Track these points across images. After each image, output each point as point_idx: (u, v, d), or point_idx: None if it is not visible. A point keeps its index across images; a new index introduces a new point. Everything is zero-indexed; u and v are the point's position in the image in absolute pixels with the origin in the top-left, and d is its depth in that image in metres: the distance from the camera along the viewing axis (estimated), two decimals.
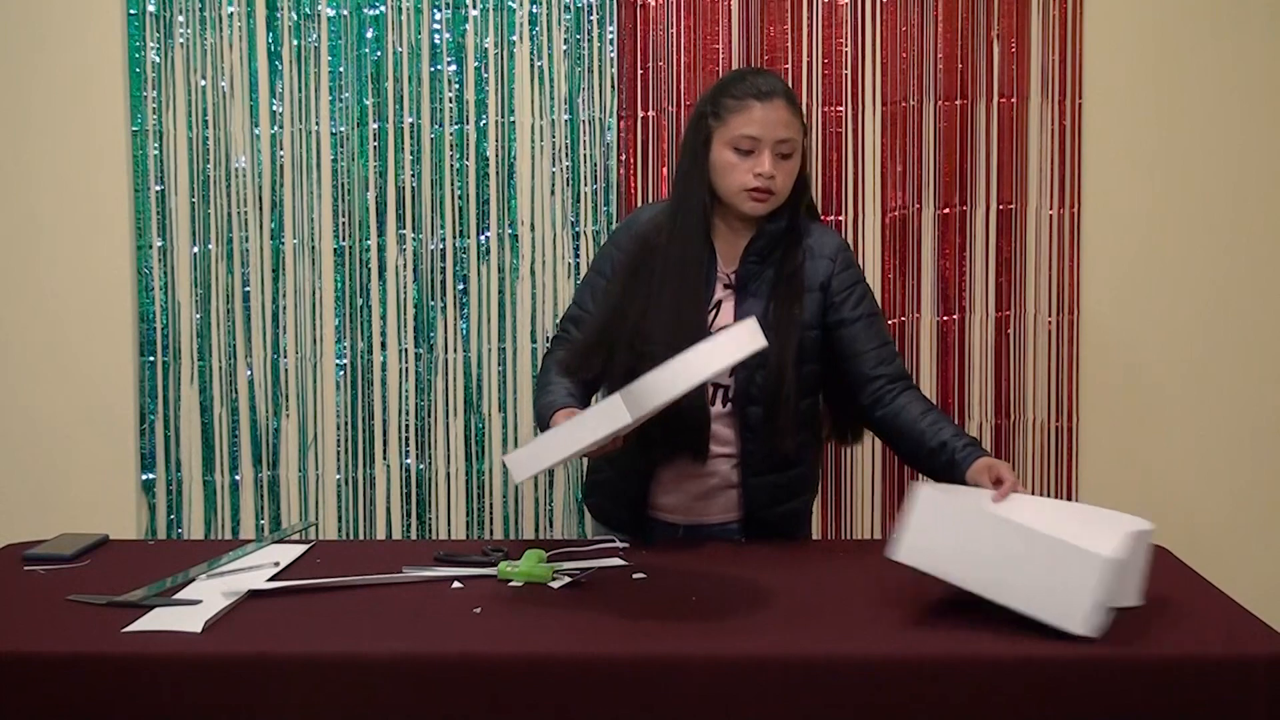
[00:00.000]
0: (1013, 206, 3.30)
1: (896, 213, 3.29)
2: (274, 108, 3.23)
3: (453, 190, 3.26)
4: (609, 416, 2.12)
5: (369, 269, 3.26)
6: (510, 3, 3.22)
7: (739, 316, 2.53)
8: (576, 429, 2.18)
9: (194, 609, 2.13)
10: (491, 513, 3.32)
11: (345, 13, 3.22)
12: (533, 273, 3.27)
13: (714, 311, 2.57)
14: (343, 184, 3.25)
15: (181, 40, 3.21)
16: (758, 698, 1.94)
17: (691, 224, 2.54)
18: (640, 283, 2.55)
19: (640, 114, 3.25)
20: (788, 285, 2.55)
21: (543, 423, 2.48)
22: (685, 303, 2.52)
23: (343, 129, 3.23)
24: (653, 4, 3.23)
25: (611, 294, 2.58)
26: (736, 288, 2.57)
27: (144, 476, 3.28)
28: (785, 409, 2.51)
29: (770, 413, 2.53)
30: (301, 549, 2.52)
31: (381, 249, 3.26)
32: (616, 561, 2.40)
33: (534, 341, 3.28)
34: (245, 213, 3.25)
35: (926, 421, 2.49)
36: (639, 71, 3.23)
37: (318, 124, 3.23)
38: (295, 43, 3.22)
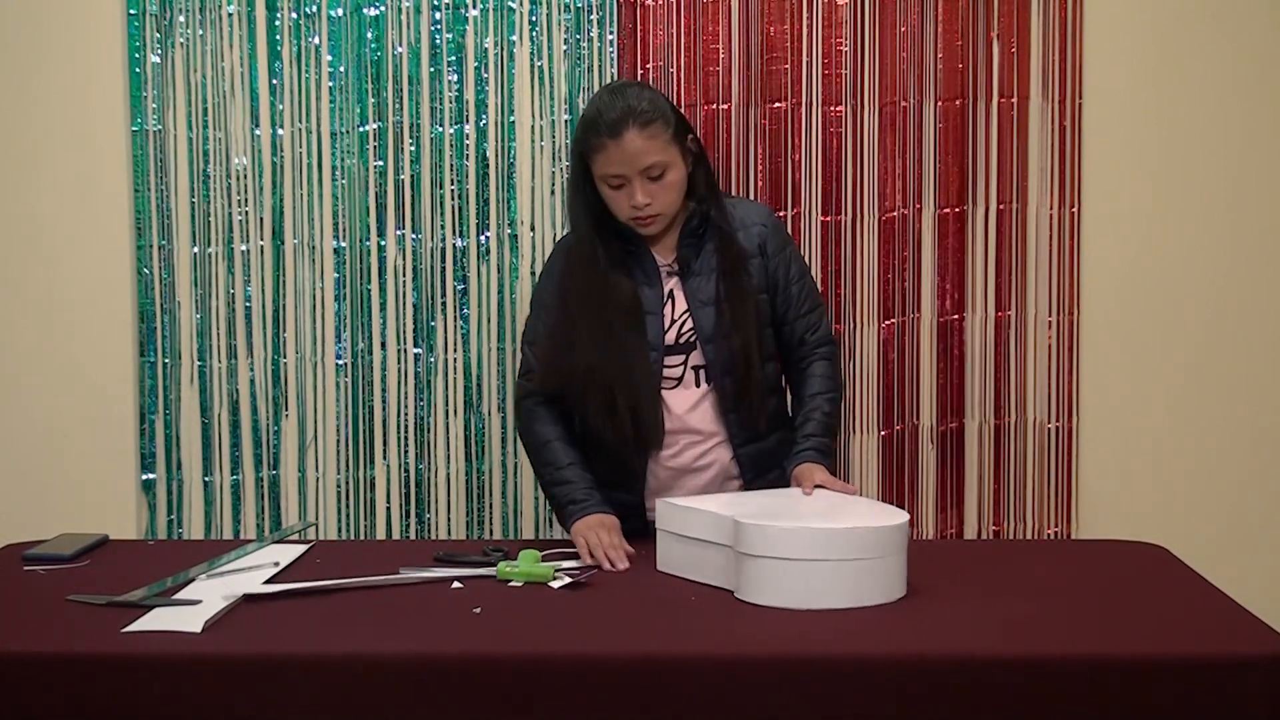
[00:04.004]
0: (1013, 206, 3.30)
1: (896, 213, 3.29)
2: (274, 108, 3.23)
3: (453, 190, 3.26)
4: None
5: (369, 269, 3.26)
6: (510, 3, 3.22)
7: (689, 297, 2.63)
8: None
9: (194, 609, 2.13)
10: (491, 513, 3.32)
11: (345, 13, 3.22)
12: (533, 273, 3.27)
13: (668, 302, 2.64)
14: (343, 184, 3.25)
15: (181, 40, 3.21)
16: (758, 698, 1.94)
17: (589, 252, 2.62)
18: (568, 320, 2.63)
19: None
20: (730, 258, 2.63)
21: (559, 504, 2.59)
22: (616, 327, 2.60)
23: (343, 129, 3.23)
24: (653, 4, 3.23)
25: (555, 338, 2.65)
26: (681, 273, 2.64)
27: (144, 477, 3.28)
28: (753, 377, 2.62)
29: (742, 385, 2.62)
30: (301, 549, 2.52)
31: (381, 249, 3.26)
32: None
33: None
34: (245, 213, 3.25)
35: (810, 402, 2.67)
36: (639, 72, 3.23)
37: (318, 124, 3.23)
38: (295, 43, 3.22)
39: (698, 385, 2.64)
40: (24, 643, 2.03)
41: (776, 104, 3.25)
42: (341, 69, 3.23)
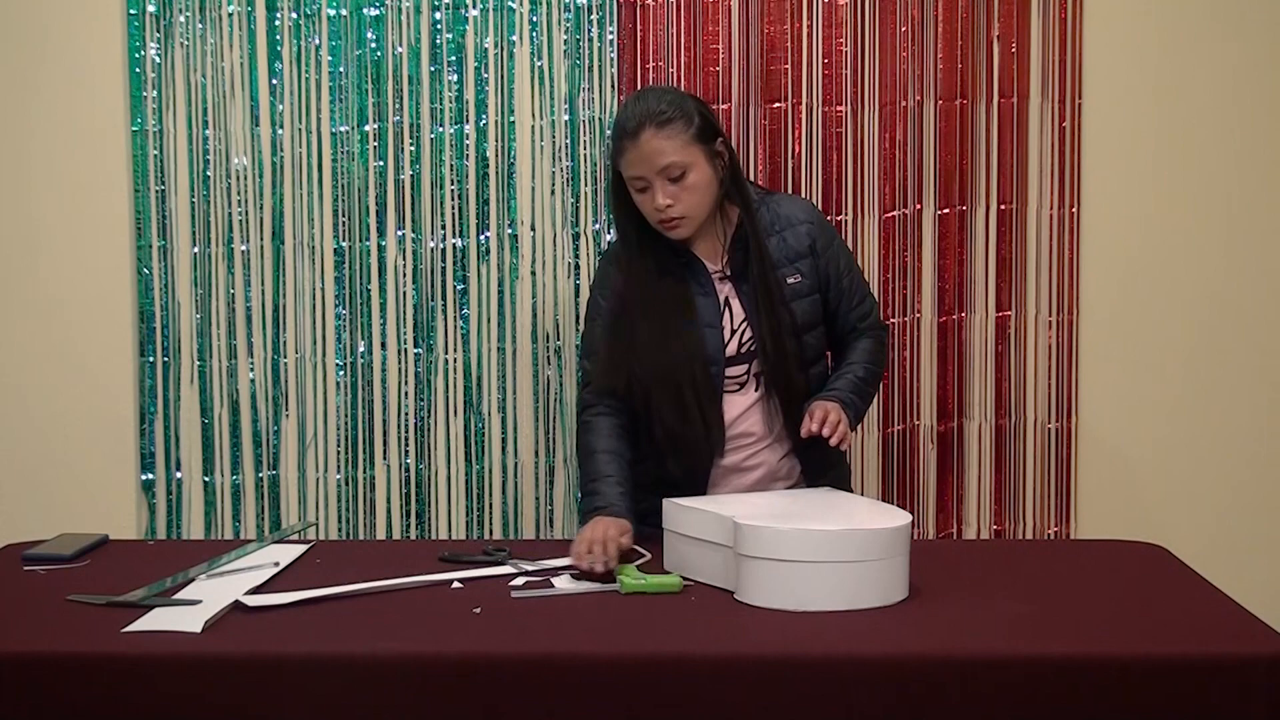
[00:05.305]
0: (1013, 206, 3.30)
1: (896, 213, 3.29)
2: (274, 108, 3.23)
3: (453, 190, 3.26)
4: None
5: (369, 269, 3.26)
6: (510, 3, 3.22)
7: (742, 302, 2.64)
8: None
9: (194, 609, 2.13)
10: (491, 513, 3.32)
11: (345, 13, 3.22)
12: (533, 273, 3.27)
13: (725, 310, 2.65)
14: (343, 184, 3.25)
15: (181, 40, 3.21)
16: (758, 698, 1.94)
17: (638, 260, 2.65)
18: (625, 326, 2.65)
19: None
20: (758, 264, 2.62)
21: (583, 513, 2.58)
22: (671, 331, 2.61)
23: (343, 129, 3.23)
24: (653, 4, 3.23)
25: (607, 340, 2.68)
26: (733, 278, 2.65)
27: (144, 477, 3.28)
28: (793, 383, 2.62)
29: (785, 390, 2.62)
30: (301, 549, 2.52)
31: (381, 249, 3.26)
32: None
33: (534, 341, 3.28)
34: (245, 213, 3.25)
35: (845, 366, 2.70)
36: (639, 71, 3.23)
37: (318, 124, 3.23)
38: (295, 43, 3.22)
39: (756, 390, 2.65)
40: (24, 643, 2.03)
41: (776, 104, 3.25)
42: (341, 69, 3.22)
